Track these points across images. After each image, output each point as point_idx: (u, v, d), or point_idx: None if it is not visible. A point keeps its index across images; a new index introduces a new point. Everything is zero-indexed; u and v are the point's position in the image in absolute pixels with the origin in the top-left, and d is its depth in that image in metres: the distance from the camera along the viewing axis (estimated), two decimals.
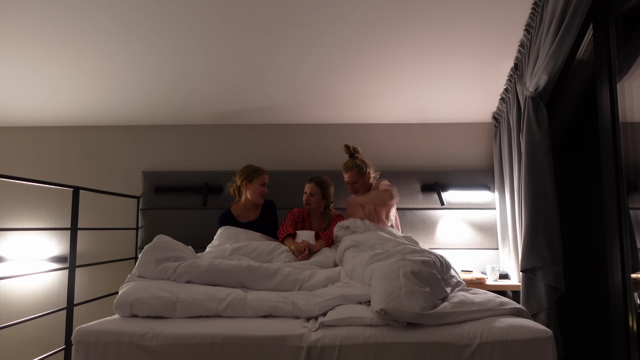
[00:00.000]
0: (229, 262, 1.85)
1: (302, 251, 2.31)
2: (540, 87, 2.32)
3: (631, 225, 1.90)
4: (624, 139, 1.95)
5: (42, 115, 3.18)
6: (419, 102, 3.04)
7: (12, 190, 3.21)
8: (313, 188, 2.61)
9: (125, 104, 3.05)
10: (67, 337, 2.21)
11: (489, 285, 2.63)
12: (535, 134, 2.35)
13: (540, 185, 2.32)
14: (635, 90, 1.94)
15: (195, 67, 2.71)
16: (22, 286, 3.13)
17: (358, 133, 3.27)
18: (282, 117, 3.23)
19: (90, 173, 3.26)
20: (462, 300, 1.55)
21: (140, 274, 1.81)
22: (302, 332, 1.41)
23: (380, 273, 1.60)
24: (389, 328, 1.42)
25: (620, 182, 1.94)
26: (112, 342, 1.41)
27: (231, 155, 3.27)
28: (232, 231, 2.52)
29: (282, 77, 2.81)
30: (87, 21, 2.31)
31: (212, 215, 2.89)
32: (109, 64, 2.65)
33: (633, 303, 1.88)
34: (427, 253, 1.82)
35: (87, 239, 3.18)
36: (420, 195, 3.09)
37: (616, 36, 2.00)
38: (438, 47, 2.52)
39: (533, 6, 2.26)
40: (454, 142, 3.23)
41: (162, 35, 2.43)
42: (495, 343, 1.37)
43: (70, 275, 2.28)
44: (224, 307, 1.56)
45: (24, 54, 2.54)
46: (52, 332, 3.04)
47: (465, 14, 2.29)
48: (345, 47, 2.54)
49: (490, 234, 3.05)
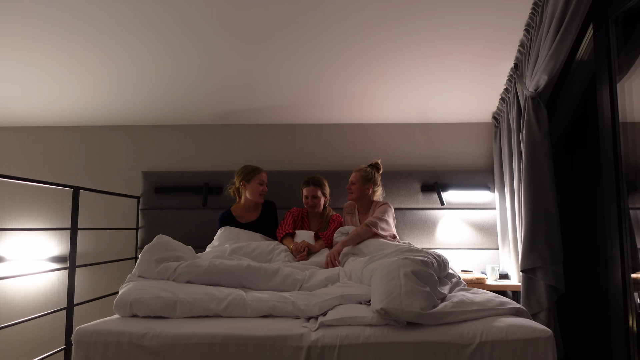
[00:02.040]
0: (229, 262, 1.85)
1: (301, 251, 2.31)
2: (540, 87, 2.32)
3: (631, 225, 1.90)
4: (624, 139, 1.95)
5: (42, 115, 3.18)
6: (419, 102, 3.04)
7: (12, 190, 3.21)
8: (313, 190, 2.61)
9: (125, 104, 3.05)
10: (67, 337, 2.21)
11: (489, 285, 2.63)
12: (535, 134, 2.35)
13: (540, 185, 2.32)
14: (635, 90, 1.94)
15: (195, 67, 2.71)
16: (22, 286, 3.13)
17: (358, 133, 3.27)
18: (282, 117, 3.23)
19: (90, 173, 3.26)
20: (462, 299, 1.55)
21: (140, 274, 1.81)
22: (302, 332, 1.40)
23: (381, 272, 1.60)
24: (389, 328, 1.41)
25: (620, 182, 1.94)
26: (112, 342, 1.40)
27: (231, 155, 3.27)
28: (232, 232, 2.52)
29: (282, 77, 2.81)
30: (87, 21, 2.31)
31: (212, 215, 2.89)
32: (109, 64, 2.65)
33: (633, 303, 1.87)
34: (424, 253, 1.82)
35: (87, 239, 3.18)
36: (420, 195, 3.09)
37: (616, 36, 2.00)
38: (438, 47, 2.52)
39: (533, 6, 2.26)
40: (454, 142, 3.23)
41: (162, 35, 2.43)
42: (495, 343, 1.36)
43: (70, 275, 2.28)
44: (224, 307, 1.56)
45: (24, 55, 2.54)
46: (52, 332, 3.04)
47: (465, 14, 2.29)
48: (346, 48, 2.54)
49: (490, 234, 3.05)
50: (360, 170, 2.59)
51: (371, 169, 2.62)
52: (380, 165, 2.69)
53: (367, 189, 2.55)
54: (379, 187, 2.65)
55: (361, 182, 2.54)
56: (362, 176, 2.55)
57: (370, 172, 2.58)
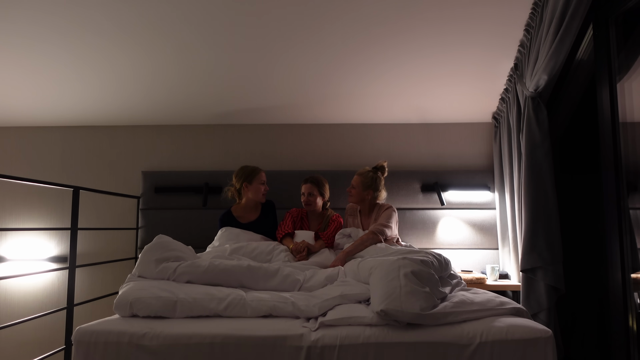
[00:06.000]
0: (229, 262, 1.85)
1: (301, 251, 2.31)
2: (540, 87, 2.32)
3: (631, 225, 1.90)
4: (624, 139, 1.95)
5: (42, 115, 3.18)
6: (419, 102, 3.04)
7: (12, 190, 3.21)
8: (310, 188, 2.61)
9: (126, 104, 3.05)
10: (67, 337, 2.21)
11: (489, 285, 2.63)
12: (535, 134, 2.35)
13: (540, 185, 2.31)
14: (635, 90, 1.94)
15: (195, 68, 2.71)
16: (22, 286, 3.13)
17: (358, 133, 3.27)
18: (282, 117, 3.23)
19: (90, 173, 3.26)
20: (462, 300, 1.55)
21: (140, 274, 1.81)
22: (302, 332, 1.41)
23: (380, 272, 1.60)
24: (388, 328, 1.42)
25: (620, 182, 1.94)
26: (112, 342, 1.41)
27: (231, 155, 3.27)
28: (232, 232, 2.52)
29: (282, 77, 2.81)
30: (87, 21, 2.31)
31: (212, 215, 2.89)
32: (109, 64, 2.65)
33: (633, 303, 1.87)
34: (423, 253, 1.82)
35: (87, 239, 3.18)
36: (420, 195, 3.09)
37: (616, 36, 2.00)
38: (438, 46, 2.52)
39: (533, 6, 2.26)
40: (454, 142, 3.23)
41: (162, 35, 2.43)
42: (495, 343, 1.37)
43: (70, 275, 2.28)
44: (224, 307, 1.56)
45: (24, 55, 2.54)
46: (52, 332, 3.04)
47: (465, 14, 2.29)
48: (345, 47, 2.54)
49: (490, 234, 3.05)
50: (362, 174, 2.53)
51: (374, 172, 2.54)
52: (385, 168, 2.61)
53: (367, 194, 2.52)
54: (381, 192, 2.58)
55: (361, 188, 2.51)
56: (362, 182, 2.51)
57: (371, 178, 2.51)
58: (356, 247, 2.24)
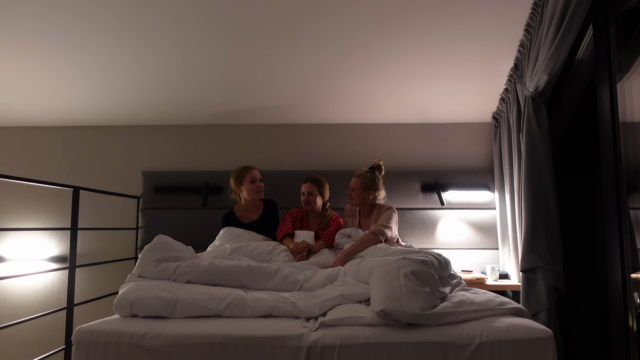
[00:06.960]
0: (229, 262, 1.85)
1: (301, 251, 2.31)
2: (540, 87, 2.32)
3: (631, 225, 1.90)
4: (624, 139, 1.95)
5: (42, 115, 3.18)
6: (419, 102, 3.04)
7: (12, 190, 3.21)
8: (310, 187, 2.60)
9: (126, 104, 3.05)
10: (67, 337, 2.21)
11: (489, 285, 2.63)
12: (535, 134, 2.35)
13: (540, 185, 2.32)
14: (635, 90, 1.94)
15: (195, 68, 2.71)
16: (22, 286, 3.13)
17: (358, 133, 3.27)
18: (283, 117, 3.23)
19: (90, 173, 3.26)
20: (462, 300, 1.55)
21: (140, 274, 1.81)
22: (302, 332, 1.41)
23: (380, 272, 1.60)
24: (389, 328, 1.42)
25: (620, 182, 1.94)
26: (112, 342, 1.41)
27: (231, 155, 3.27)
28: (234, 232, 2.51)
29: (282, 77, 2.81)
30: (87, 21, 2.31)
31: (212, 215, 2.89)
32: (109, 64, 2.65)
33: (633, 303, 1.87)
34: (423, 253, 1.82)
35: (87, 239, 3.18)
36: (420, 195, 3.09)
37: (616, 36, 2.00)
38: (438, 46, 2.52)
39: (533, 6, 2.26)
40: (454, 142, 3.23)
41: (162, 35, 2.43)
42: (495, 343, 1.37)
43: (70, 275, 2.28)
44: (224, 307, 1.56)
45: (24, 55, 2.54)
46: (52, 332, 3.04)
47: (465, 13, 2.29)
48: (345, 47, 2.54)
49: (490, 234, 3.05)
50: (360, 175, 2.52)
51: (372, 172, 2.53)
52: (382, 167, 2.59)
53: (368, 195, 2.52)
54: (380, 192, 2.57)
55: (361, 190, 2.49)
56: (362, 183, 2.50)
57: (370, 178, 2.50)
58: (357, 247, 2.24)
